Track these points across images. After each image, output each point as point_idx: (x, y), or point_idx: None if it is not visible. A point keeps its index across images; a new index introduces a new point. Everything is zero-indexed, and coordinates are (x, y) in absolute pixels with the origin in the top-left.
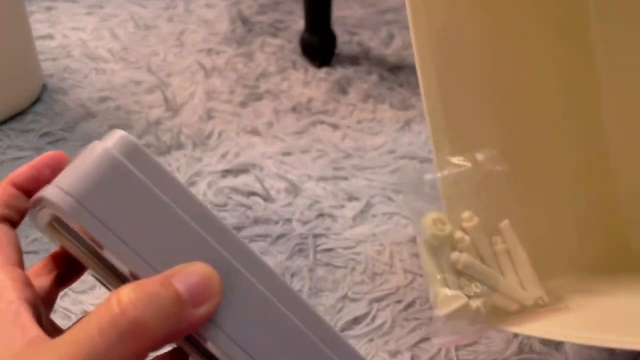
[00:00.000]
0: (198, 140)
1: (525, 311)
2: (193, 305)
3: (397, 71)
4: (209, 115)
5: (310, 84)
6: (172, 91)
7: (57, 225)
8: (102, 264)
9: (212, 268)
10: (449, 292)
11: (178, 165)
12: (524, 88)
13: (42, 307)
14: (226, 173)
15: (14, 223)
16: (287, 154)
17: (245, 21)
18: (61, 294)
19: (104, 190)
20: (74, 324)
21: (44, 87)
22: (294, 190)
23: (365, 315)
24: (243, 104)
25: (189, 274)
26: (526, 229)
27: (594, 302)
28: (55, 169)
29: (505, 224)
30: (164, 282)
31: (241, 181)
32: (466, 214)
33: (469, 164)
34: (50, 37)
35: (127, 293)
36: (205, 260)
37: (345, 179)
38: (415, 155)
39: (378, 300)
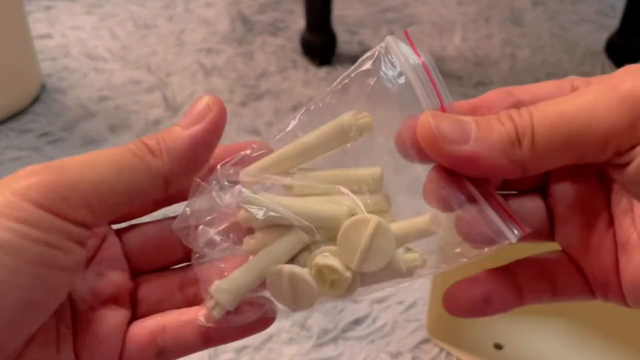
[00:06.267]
0: None
1: None
2: None
3: None
4: None
5: (311, 83)
6: (172, 90)
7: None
8: None
9: None
10: None
11: None
12: None
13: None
14: None
15: None
16: None
17: (245, 20)
18: None
19: None
20: None
21: (43, 87)
22: None
23: (366, 316)
24: (243, 104)
25: None
26: None
27: None
28: None
29: None
30: None
31: None
32: None
33: None
34: (49, 36)
35: None
36: None
37: None
38: None
39: (379, 301)
